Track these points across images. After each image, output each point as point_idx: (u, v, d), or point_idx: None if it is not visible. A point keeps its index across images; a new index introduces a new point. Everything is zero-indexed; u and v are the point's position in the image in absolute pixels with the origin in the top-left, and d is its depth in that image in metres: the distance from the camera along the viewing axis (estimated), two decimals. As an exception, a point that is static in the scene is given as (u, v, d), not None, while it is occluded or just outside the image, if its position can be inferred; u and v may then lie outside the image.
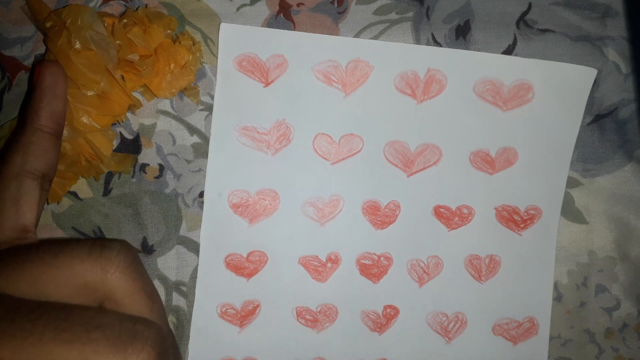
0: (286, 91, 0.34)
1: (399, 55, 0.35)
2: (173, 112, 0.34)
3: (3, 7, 0.34)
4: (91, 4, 0.34)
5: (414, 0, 0.35)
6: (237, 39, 0.34)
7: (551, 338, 0.36)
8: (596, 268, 0.36)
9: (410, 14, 0.35)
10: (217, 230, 0.34)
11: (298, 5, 0.35)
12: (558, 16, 0.35)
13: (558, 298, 0.36)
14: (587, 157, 0.36)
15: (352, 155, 0.35)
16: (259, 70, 0.34)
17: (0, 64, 0.34)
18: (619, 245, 0.36)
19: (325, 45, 0.34)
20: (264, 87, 0.34)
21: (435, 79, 0.35)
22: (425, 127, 0.35)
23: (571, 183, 0.36)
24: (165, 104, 0.34)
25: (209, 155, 0.34)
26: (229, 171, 0.34)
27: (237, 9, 0.34)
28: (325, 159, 0.35)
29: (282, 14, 0.35)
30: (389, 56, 0.35)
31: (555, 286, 0.36)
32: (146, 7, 0.34)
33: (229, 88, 0.34)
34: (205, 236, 0.34)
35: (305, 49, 0.34)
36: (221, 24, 0.34)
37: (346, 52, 0.34)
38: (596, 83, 0.36)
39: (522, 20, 0.35)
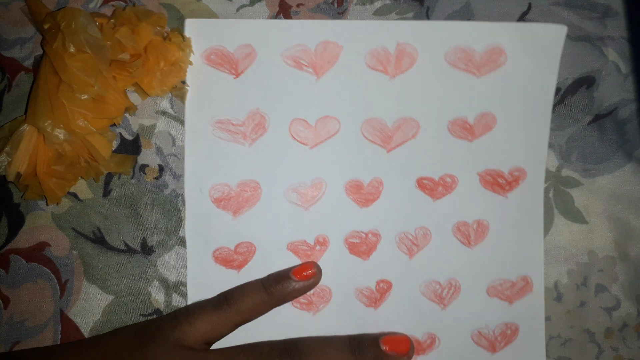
0: (257, 80, 0.33)
1: (367, 32, 0.34)
2: (173, 112, 0.33)
3: (3, 8, 0.33)
4: (91, 5, 0.33)
5: (413, 0, 0.34)
6: (204, 33, 0.33)
7: (551, 338, 0.35)
8: (596, 268, 0.35)
9: (410, 15, 0.34)
10: (202, 226, 0.33)
11: (298, 5, 0.34)
12: (558, 16, 0.34)
13: (558, 298, 0.35)
14: (587, 157, 0.35)
15: (330, 137, 0.34)
16: (228, 62, 0.33)
17: (0, 65, 0.33)
18: (618, 245, 0.35)
19: (292, 30, 0.33)
20: (234, 78, 0.33)
21: (406, 52, 0.34)
22: (401, 102, 0.34)
23: (571, 183, 0.35)
24: (164, 105, 0.33)
25: (185, 153, 0.33)
26: (207, 166, 0.33)
27: (237, 10, 0.33)
28: (303, 143, 0.34)
29: (281, 15, 0.34)
30: (357, 34, 0.34)
31: (555, 286, 0.35)
32: (134, 5, 0.32)
33: (200, 83, 0.33)
34: (190, 234, 0.33)
35: (272, 36, 0.33)
36: (186, 19, 0.33)
37: (313, 34, 0.33)
38: (596, 83, 0.34)
39: (522, 21, 0.34)
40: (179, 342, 0.29)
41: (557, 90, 0.35)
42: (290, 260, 0.34)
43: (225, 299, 0.31)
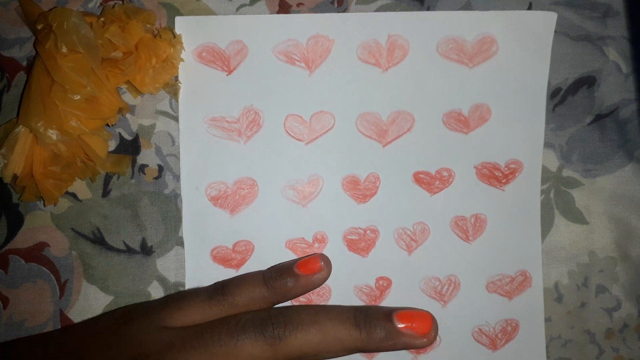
0: (250, 76, 0.33)
1: (358, 25, 0.33)
2: (172, 112, 0.33)
3: (2, 7, 0.33)
4: (90, 5, 0.33)
5: (414, 0, 0.34)
6: (194, 31, 0.33)
7: (551, 338, 0.34)
8: (597, 268, 0.34)
9: (410, 14, 0.34)
10: (200, 225, 0.33)
11: (298, 5, 0.33)
12: (559, 16, 0.34)
13: (558, 298, 0.34)
14: (588, 157, 0.34)
15: (325, 132, 0.34)
16: (220, 59, 0.33)
17: (-1, 64, 0.33)
18: (619, 245, 0.34)
19: (282, 25, 0.33)
20: (226, 75, 0.33)
21: (397, 44, 0.33)
22: (394, 95, 0.34)
23: (572, 183, 0.34)
24: (164, 105, 0.33)
25: (180, 152, 0.33)
26: (203, 165, 0.33)
27: (237, 9, 0.33)
28: (298, 139, 0.33)
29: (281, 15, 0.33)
30: (348, 27, 0.33)
31: (556, 287, 0.34)
32: (123, 3, 0.32)
33: (192, 81, 0.33)
34: (188, 233, 0.33)
35: (262, 31, 0.33)
36: (176, 17, 0.33)
37: (304, 28, 0.33)
38: (597, 83, 0.34)
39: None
40: (164, 324, 0.27)
41: (558, 90, 0.34)
42: (288, 258, 0.33)
43: (221, 290, 0.28)
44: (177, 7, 0.33)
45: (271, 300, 0.28)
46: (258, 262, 0.33)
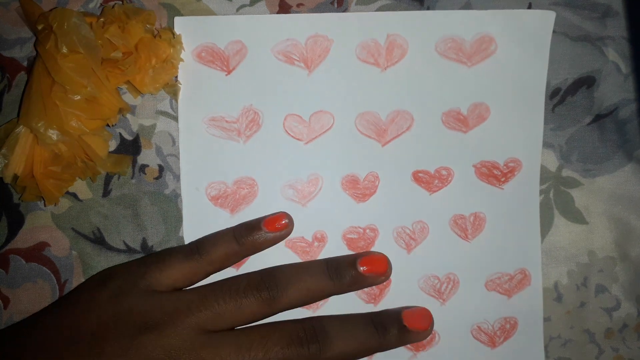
0: (249, 76, 0.33)
1: (357, 24, 0.33)
2: (172, 112, 0.33)
3: (3, 8, 0.33)
4: (91, 5, 0.33)
5: (414, 0, 0.33)
6: (193, 31, 0.33)
7: (551, 338, 0.34)
8: (596, 268, 0.34)
9: (410, 14, 0.34)
10: (200, 225, 0.33)
11: (298, 5, 0.33)
12: (558, 16, 0.34)
13: (558, 298, 0.34)
14: (587, 157, 0.34)
15: (325, 132, 0.34)
16: (219, 59, 0.33)
17: (0, 65, 0.32)
18: (619, 245, 0.34)
19: (281, 25, 0.33)
20: (226, 75, 0.33)
21: (396, 43, 0.33)
22: (393, 94, 0.34)
23: (571, 183, 0.34)
24: (164, 105, 0.33)
25: (180, 152, 0.33)
26: (203, 165, 0.33)
27: (237, 10, 0.33)
28: (298, 139, 0.33)
29: (281, 15, 0.33)
30: (347, 27, 0.33)
31: (555, 286, 0.34)
32: (122, 3, 0.32)
33: (192, 81, 0.33)
34: (188, 233, 0.33)
35: (261, 31, 0.33)
36: (175, 17, 0.33)
37: (303, 28, 0.33)
38: (596, 83, 0.34)
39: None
40: (152, 289, 0.29)
41: (557, 90, 0.34)
42: (288, 258, 0.34)
43: (197, 249, 0.30)
44: (177, 8, 0.33)
45: (243, 254, 0.31)
46: (258, 261, 0.33)
